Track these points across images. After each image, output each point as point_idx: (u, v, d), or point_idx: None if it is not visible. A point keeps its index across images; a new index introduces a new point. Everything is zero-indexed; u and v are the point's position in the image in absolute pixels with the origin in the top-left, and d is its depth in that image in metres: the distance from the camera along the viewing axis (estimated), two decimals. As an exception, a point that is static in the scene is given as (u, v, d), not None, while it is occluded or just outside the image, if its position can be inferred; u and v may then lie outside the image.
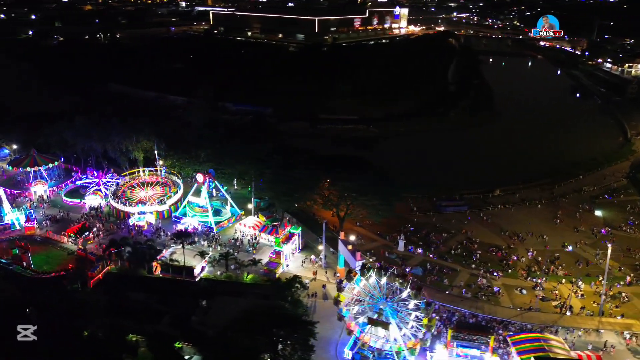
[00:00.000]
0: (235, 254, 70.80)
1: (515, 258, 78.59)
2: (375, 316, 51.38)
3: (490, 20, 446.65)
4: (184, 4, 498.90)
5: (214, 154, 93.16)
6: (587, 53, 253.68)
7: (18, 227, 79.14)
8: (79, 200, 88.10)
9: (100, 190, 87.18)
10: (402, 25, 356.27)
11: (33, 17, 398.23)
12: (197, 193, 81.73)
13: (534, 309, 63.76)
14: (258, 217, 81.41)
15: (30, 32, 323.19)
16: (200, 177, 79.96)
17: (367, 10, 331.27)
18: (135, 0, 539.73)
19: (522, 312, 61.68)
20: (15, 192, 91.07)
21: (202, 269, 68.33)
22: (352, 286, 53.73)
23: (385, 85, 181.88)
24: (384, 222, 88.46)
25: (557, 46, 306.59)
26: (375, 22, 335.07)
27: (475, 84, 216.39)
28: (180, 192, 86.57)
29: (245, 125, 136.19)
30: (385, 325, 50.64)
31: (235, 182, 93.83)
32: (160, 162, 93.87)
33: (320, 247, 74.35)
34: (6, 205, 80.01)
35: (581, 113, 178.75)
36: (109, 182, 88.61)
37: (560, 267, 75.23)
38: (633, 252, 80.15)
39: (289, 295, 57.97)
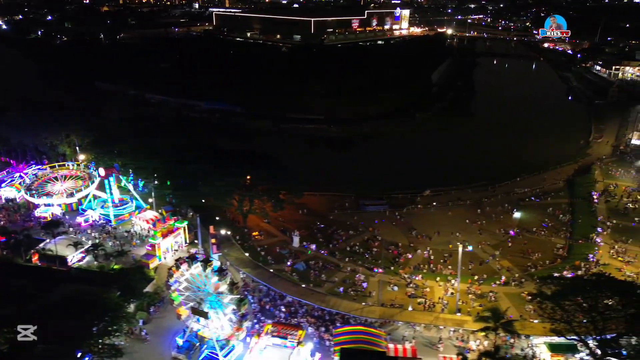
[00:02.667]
0: (110, 244, 73.04)
1: (410, 256, 78.85)
2: (196, 305, 52.66)
3: (503, 22, 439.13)
4: (197, 5, 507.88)
5: (133, 149, 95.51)
6: (579, 55, 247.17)
7: None
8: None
9: (15, 181, 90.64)
10: (404, 26, 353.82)
11: (49, 18, 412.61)
12: (103, 187, 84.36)
13: (396, 305, 64.00)
14: (161, 212, 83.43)
15: (39, 32, 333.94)
16: (102, 171, 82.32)
17: (366, 12, 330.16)
18: (154, 2, 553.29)
19: (364, 306, 61.95)
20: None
21: (82, 258, 70.75)
22: (183, 275, 54.79)
23: (366, 86, 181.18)
24: (297, 219, 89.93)
25: (559, 48, 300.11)
26: (374, 23, 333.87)
27: (458, 86, 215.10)
28: (93, 186, 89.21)
29: (169, 121, 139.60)
30: (205, 315, 51.90)
31: (154, 177, 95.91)
32: (82, 157, 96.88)
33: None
34: None
35: (567, 116, 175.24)
36: (26, 174, 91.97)
37: (449, 267, 75.12)
38: (532, 254, 79.41)
39: (131, 283, 59.62)
